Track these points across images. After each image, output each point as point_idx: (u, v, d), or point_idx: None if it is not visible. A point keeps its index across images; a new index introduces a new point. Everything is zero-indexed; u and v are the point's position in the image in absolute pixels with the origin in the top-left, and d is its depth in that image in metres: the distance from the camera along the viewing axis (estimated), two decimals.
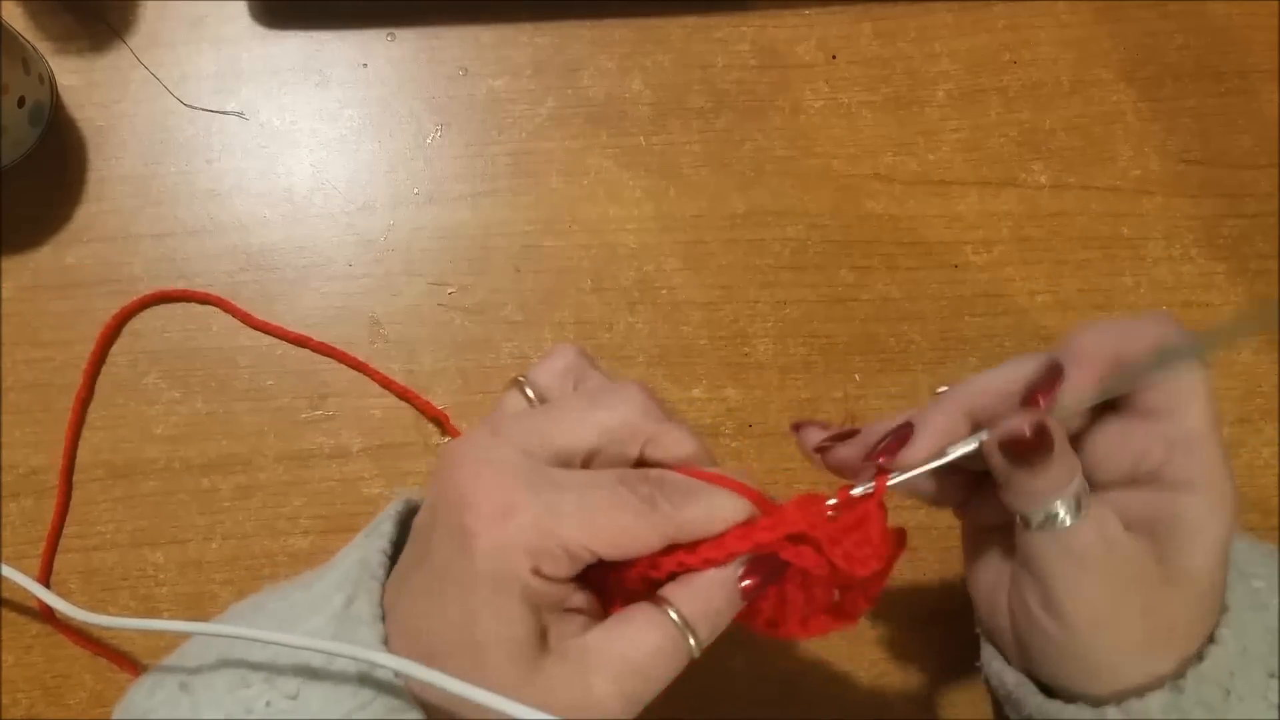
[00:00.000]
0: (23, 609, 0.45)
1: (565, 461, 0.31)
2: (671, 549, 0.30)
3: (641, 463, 0.32)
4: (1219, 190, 0.50)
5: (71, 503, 0.46)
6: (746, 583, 0.31)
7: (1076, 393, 0.32)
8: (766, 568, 0.31)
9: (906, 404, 0.46)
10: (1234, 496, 0.32)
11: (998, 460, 0.32)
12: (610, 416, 0.31)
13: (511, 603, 0.29)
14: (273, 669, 0.31)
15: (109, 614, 0.44)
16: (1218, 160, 0.51)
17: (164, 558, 0.46)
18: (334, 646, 0.30)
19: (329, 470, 0.47)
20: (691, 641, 0.30)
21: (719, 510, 0.30)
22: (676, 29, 0.52)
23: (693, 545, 0.30)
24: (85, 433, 0.47)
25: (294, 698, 0.31)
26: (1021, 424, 0.31)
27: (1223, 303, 0.49)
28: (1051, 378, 0.32)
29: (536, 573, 0.29)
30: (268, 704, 0.31)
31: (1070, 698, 0.34)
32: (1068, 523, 0.32)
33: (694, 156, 0.50)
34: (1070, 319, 0.49)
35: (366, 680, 0.30)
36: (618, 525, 0.29)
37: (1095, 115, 0.51)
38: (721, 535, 0.30)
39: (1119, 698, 0.33)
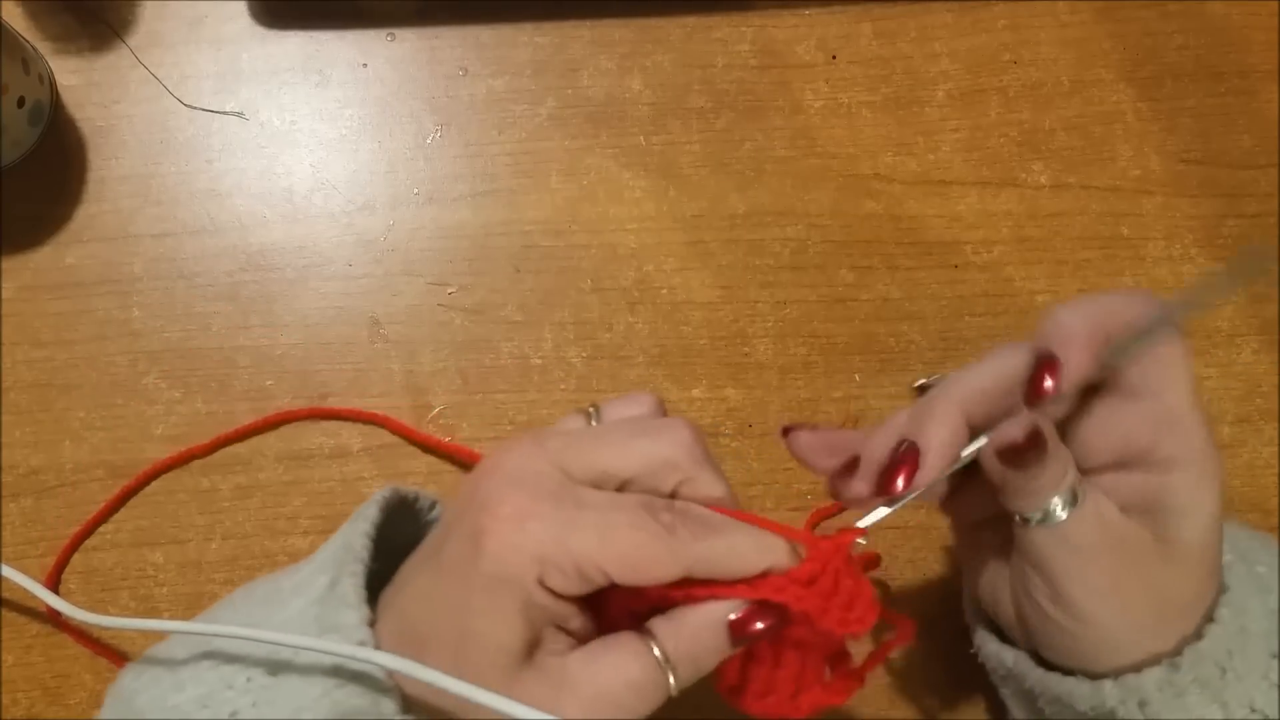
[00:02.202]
0: (23, 609, 0.45)
1: (600, 484, 0.30)
2: (685, 584, 0.29)
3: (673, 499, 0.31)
4: (1219, 190, 0.50)
5: (71, 503, 0.46)
6: (734, 618, 0.30)
7: (1074, 377, 0.32)
8: (763, 616, 0.30)
9: (906, 404, 0.46)
10: (1220, 469, 0.32)
11: (994, 466, 0.32)
12: (655, 448, 0.30)
13: (508, 608, 0.29)
14: (255, 649, 0.32)
15: (109, 614, 0.44)
16: (1218, 160, 0.51)
17: (164, 558, 0.46)
18: (320, 644, 0.30)
19: (329, 470, 0.47)
20: (671, 679, 0.30)
21: (740, 547, 0.30)
22: (676, 29, 0.52)
23: (706, 584, 0.30)
24: (85, 433, 0.47)
25: (275, 674, 0.31)
26: (1016, 430, 0.31)
27: (1223, 302, 0.49)
28: (1052, 368, 0.32)
29: (541, 584, 0.29)
30: (248, 680, 0.31)
31: (1068, 671, 0.35)
32: (1064, 516, 0.32)
33: (694, 156, 0.50)
34: None
35: (346, 661, 0.30)
36: (633, 546, 0.29)
37: (1095, 115, 0.51)
38: (734, 583, 0.30)
39: (1117, 673, 0.33)
